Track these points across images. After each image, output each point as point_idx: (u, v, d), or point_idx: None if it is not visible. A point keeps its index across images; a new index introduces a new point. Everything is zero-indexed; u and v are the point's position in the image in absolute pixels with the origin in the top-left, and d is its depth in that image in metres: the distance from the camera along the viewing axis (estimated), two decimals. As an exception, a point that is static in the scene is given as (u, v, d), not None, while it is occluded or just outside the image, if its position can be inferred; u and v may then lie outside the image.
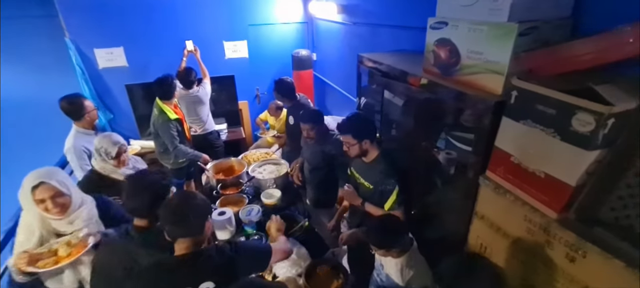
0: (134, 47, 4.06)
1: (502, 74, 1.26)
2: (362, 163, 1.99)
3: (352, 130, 1.86)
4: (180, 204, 1.36)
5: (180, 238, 1.33)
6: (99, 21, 3.83)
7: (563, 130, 1.01)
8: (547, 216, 1.10)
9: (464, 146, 1.56)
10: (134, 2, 3.90)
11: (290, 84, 3.04)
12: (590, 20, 1.27)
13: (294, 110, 3.04)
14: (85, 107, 2.55)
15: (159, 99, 3.11)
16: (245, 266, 1.44)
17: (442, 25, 1.52)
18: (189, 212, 1.33)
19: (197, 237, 1.35)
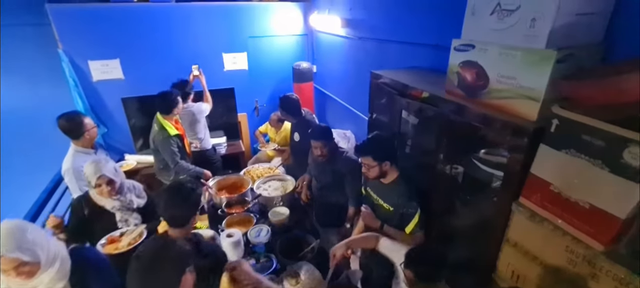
0: (130, 59, 3.95)
1: (538, 101, 1.25)
2: (380, 184, 1.95)
3: (372, 152, 1.82)
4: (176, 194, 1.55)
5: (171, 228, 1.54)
6: (94, 32, 3.71)
7: (613, 162, 0.99)
8: (593, 248, 1.07)
9: (489, 169, 1.53)
10: (131, 13, 3.80)
11: (295, 100, 3.01)
12: (622, 46, 1.28)
13: (300, 127, 2.99)
14: (85, 125, 2.43)
15: (160, 114, 3.01)
16: None
17: (469, 47, 1.51)
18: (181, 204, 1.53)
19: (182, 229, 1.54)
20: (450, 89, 1.66)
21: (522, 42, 1.28)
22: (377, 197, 1.98)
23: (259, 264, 2.15)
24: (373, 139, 1.88)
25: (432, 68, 2.28)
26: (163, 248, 1.55)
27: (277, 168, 3.38)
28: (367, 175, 1.91)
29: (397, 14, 2.64)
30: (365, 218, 2.00)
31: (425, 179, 1.93)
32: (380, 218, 1.94)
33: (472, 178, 1.65)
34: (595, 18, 1.26)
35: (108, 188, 1.96)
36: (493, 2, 1.36)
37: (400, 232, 1.85)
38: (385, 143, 1.89)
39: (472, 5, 1.48)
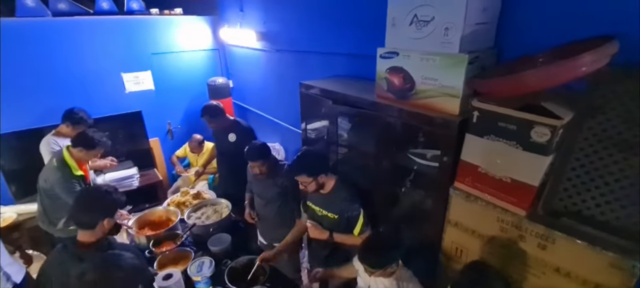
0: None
1: (458, 97, 1.46)
2: (320, 195, 1.98)
3: (305, 170, 1.85)
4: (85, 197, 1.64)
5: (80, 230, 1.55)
6: None
7: (524, 141, 1.22)
8: (518, 214, 1.30)
9: (425, 161, 1.72)
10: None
11: (218, 105, 2.99)
12: (507, 49, 1.59)
13: (234, 127, 2.96)
14: None
15: (70, 148, 2.50)
16: None
17: (393, 55, 1.67)
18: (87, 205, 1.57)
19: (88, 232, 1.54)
20: (380, 93, 1.80)
21: (439, 48, 1.47)
22: (320, 209, 2.01)
23: (207, 301, 1.97)
24: (303, 157, 1.90)
25: (354, 75, 2.44)
26: None
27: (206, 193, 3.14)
28: (305, 191, 1.93)
29: (315, 26, 2.75)
30: (312, 232, 2.00)
31: (367, 179, 2.04)
32: (328, 228, 1.97)
33: (411, 172, 1.81)
34: (488, 27, 1.53)
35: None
36: (410, 14, 1.54)
37: (350, 235, 1.92)
38: (316, 157, 1.93)
39: (392, 18, 1.64)
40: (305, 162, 1.87)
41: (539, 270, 1.28)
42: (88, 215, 1.54)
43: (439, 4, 1.41)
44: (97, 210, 1.56)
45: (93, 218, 1.54)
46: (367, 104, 1.83)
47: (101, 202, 1.59)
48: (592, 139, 1.17)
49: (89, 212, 1.55)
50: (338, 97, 1.99)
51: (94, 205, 1.57)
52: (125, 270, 1.58)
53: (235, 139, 2.88)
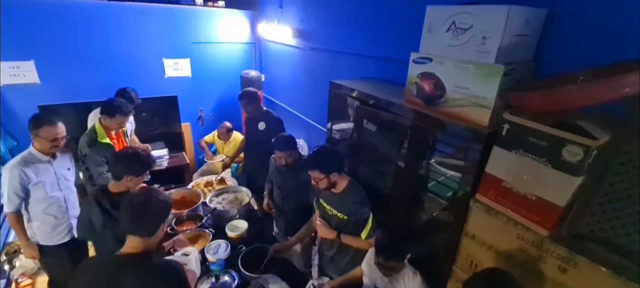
0: (49, 62, 3.47)
1: (489, 108, 1.43)
2: (331, 194, 2.00)
3: (319, 166, 1.87)
4: (142, 201, 1.41)
5: (130, 236, 1.37)
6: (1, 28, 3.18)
7: (554, 159, 1.18)
8: (540, 234, 1.26)
9: (448, 171, 1.69)
10: (51, 8, 3.35)
11: (256, 91, 3.10)
12: (547, 64, 1.54)
13: (265, 116, 3.05)
14: None
15: (100, 116, 2.70)
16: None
17: (427, 60, 1.66)
18: (147, 210, 1.39)
19: (147, 238, 1.38)
20: (409, 98, 1.80)
21: (475, 57, 1.45)
22: (331, 208, 2.02)
23: (219, 282, 2.04)
24: (318, 153, 1.92)
25: (384, 79, 2.44)
26: None
27: (229, 180, 3.25)
28: (316, 187, 1.94)
29: (350, 27, 2.78)
30: (320, 231, 2.02)
31: (387, 182, 2.04)
32: (336, 228, 1.98)
33: (432, 179, 1.80)
34: (529, 39, 1.49)
35: None
36: (449, 20, 1.53)
37: (357, 238, 1.92)
38: (331, 155, 1.94)
39: (428, 24, 1.64)
40: (319, 158, 1.89)
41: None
42: (148, 219, 1.39)
43: (479, 13, 1.40)
44: (157, 214, 1.43)
45: (155, 224, 1.41)
46: (395, 107, 1.83)
47: (161, 203, 1.45)
48: (629, 165, 1.12)
49: (149, 216, 1.40)
50: (366, 98, 2.00)
51: (154, 207, 1.42)
52: None
53: (264, 127, 2.96)
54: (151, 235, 1.39)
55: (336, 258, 2.09)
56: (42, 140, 2.14)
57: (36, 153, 2.17)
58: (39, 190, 2.17)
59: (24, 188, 2.12)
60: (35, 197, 2.18)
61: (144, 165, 1.97)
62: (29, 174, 2.11)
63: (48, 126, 2.14)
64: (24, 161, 2.13)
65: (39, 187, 2.16)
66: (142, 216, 1.38)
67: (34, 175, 2.13)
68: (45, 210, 2.23)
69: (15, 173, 2.08)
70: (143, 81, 3.83)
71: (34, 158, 2.16)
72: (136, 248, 1.36)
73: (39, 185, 2.16)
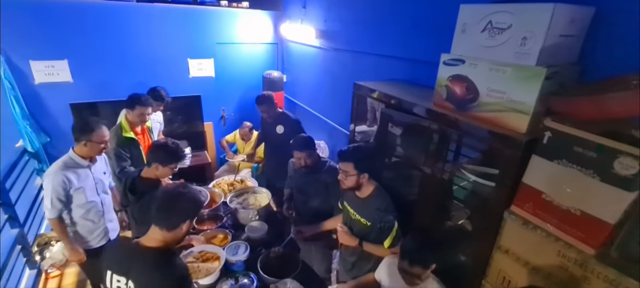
0: (81, 61, 3.59)
1: (528, 114, 1.33)
2: (356, 198, 1.93)
3: (354, 160, 1.80)
4: (172, 194, 1.42)
5: (153, 226, 1.38)
6: (39, 29, 3.34)
7: (604, 172, 1.08)
8: (584, 252, 1.15)
9: (480, 179, 1.60)
10: (84, 10, 3.48)
11: (271, 95, 3.10)
12: (594, 67, 1.42)
13: (283, 119, 3.03)
14: None
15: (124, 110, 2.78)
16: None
17: (458, 62, 1.57)
18: (174, 204, 1.40)
19: (168, 232, 1.38)
20: (438, 101, 1.71)
21: (513, 59, 1.36)
22: (355, 212, 1.96)
23: (238, 284, 2.02)
24: (357, 148, 1.87)
25: (410, 81, 2.36)
26: None
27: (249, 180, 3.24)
28: (342, 183, 1.87)
29: (375, 28, 2.71)
30: (342, 238, 1.96)
31: (413, 189, 1.96)
32: (358, 235, 1.92)
33: (463, 188, 1.70)
34: (574, 40, 1.38)
35: None
36: (485, 20, 1.44)
37: (380, 246, 1.85)
38: (368, 155, 1.88)
39: (462, 23, 1.55)
40: (357, 153, 1.82)
41: (605, 319, 1.12)
42: (175, 213, 1.39)
43: (520, 11, 1.30)
44: (184, 210, 1.42)
45: (178, 219, 1.39)
46: (423, 111, 1.75)
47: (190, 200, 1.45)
48: (692, 181, 1.00)
49: (176, 211, 1.40)
50: (391, 100, 1.93)
51: (184, 202, 1.42)
52: None
53: (283, 131, 2.93)
54: (172, 230, 1.39)
55: (358, 265, 2.03)
56: (93, 144, 2.13)
57: (77, 158, 2.16)
58: (79, 195, 2.17)
59: (67, 194, 2.11)
60: (76, 202, 2.18)
61: (170, 155, 2.06)
62: (71, 179, 2.10)
63: (99, 130, 2.14)
64: (66, 166, 2.11)
65: (80, 192, 2.16)
66: (167, 208, 1.39)
67: (75, 180, 2.12)
68: (84, 216, 2.26)
69: (59, 178, 2.05)
70: (169, 80, 3.89)
71: (74, 163, 2.15)
72: (156, 241, 1.37)
73: (79, 190, 2.16)
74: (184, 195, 1.43)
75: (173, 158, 2.07)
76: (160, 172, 2.07)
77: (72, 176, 2.11)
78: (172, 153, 2.07)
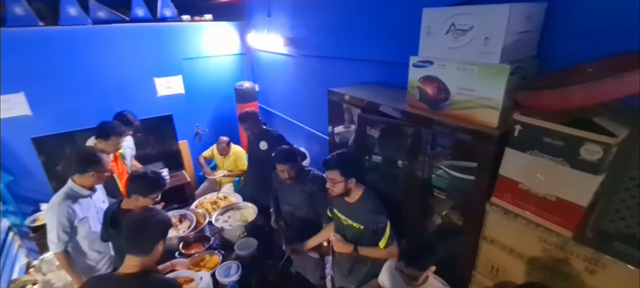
0: (39, 92, 3.37)
1: (497, 109, 1.40)
2: (345, 203, 1.95)
3: (340, 167, 1.82)
4: (139, 220, 1.46)
5: (128, 254, 1.41)
6: (-11, 63, 3.11)
7: (572, 158, 1.15)
8: (563, 235, 1.22)
9: (459, 174, 1.66)
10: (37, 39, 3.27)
11: (255, 112, 3.08)
12: (551, 57, 1.51)
13: (265, 135, 2.98)
14: None
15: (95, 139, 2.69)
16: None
17: (427, 64, 1.62)
18: (143, 229, 1.44)
19: (144, 257, 1.42)
20: (412, 102, 1.76)
21: (478, 58, 1.42)
22: (346, 218, 1.97)
23: (233, 305, 1.99)
24: (340, 155, 1.88)
25: (383, 83, 2.40)
26: None
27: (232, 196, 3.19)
28: (331, 191, 1.89)
29: (342, 33, 2.73)
30: (336, 246, 1.97)
31: (395, 190, 2.00)
32: (352, 240, 1.94)
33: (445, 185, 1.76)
34: (531, 35, 1.46)
35: None
36: (447, 22, 1.49)
37: (375, 248, 1.88)
38: (353, 160, 1.90)
39: (426, 26, 1.60)
40: (341, 160, 1.84)
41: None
42: (145, 238, 1.43)
43: (479, 13, 1.36)
44: (154, 232, 1.46)
45: (150, 242, 1.43)
46: (398, 113, 1.79)
47: (158, 222, 1.49)
48: (650, 158, 1.09)
49: (146, 235, 1.43)
50: (367, 105, 1.96)
51: (152, 225, 1.46)
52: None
53: (266, 147, 2.91)
54: (148, 254, 1.43)
55: (355, 269, 2.05)
56: (101, 174, 2.16)
57: (78, 188, 2.13)
58: (84, 225, 2.14)
59: (72, 225, 2.08)
60: (82, 233, 2.15)
61: (151, 186, 2.00)
62: (75, 210, 2.08)
63: (104, 159, 2.17)
64: (68, 197, 2.08)
65: (84, 222, 2.14)
66: (138, 234, 1.43)
67: (79, 211, 2.10)
68: (90, 246, 2.21)
69: (64, 209, 2.03)
70: (136, 102, 3.73)
71: (76, 194, 2.12)
72: (134, 267, 1.40)
73: (84, 221, 2.13)
74: (149, 218, 1.48)
75: (154, 188, 2.02)
76: (142, 202, 2.00)
77: (76, 206, 2.09)
78: (153, 183, 2.01)
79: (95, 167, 2.13)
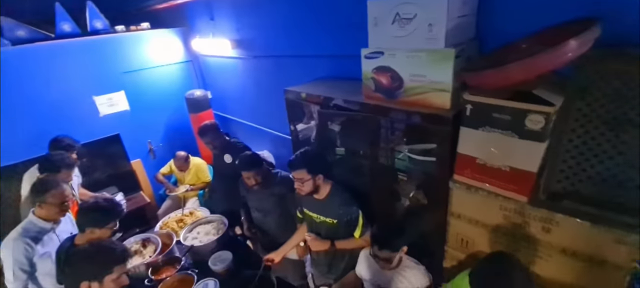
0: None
1: (448, 91, 1.47)
2: (315, 201, 1.96)
3: (306, 165, 1.82)
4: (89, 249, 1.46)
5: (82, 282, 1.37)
6: None
7: (519, 130, 1.24)
8: (520, 201, 1.33)
9: (421, 157, 1.72)
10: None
11: (214, 124, 2.91)
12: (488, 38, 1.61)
13: (229, 148, 2.86)
14: None
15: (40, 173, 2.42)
16: None
17: (378, 54, 1.66)
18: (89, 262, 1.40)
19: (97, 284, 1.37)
20: (368, 94, 1.79)
21: (425, 44, 1.47)
22: (318, 215, 1.99)
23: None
24: (305, 153, 1.88)
25: (337, 77, 2.42)
26: None
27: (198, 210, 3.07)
28: (300, 190, 1.89)
29: (291, 30, 2.70)
30: (313, 245, 1.98)
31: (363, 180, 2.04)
32: (327, 235, 1.96)
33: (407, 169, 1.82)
34: (469, 18, 1.54)
35: None
36: (392, 12, 1.53)
37: (351, 239, 1.91)
38: (318, 157, 1.91)
39: (373, 17, 1.62)
40: (306, 158, 1.83)
41: (546, 252, 1.32)
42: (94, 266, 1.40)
43: (421, 1, 1.40)
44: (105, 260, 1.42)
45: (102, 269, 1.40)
46: (357, 105, 1.81)
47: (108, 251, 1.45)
48: (583, 120, 1.20)
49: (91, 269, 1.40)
50: (326, 101, 1.96)
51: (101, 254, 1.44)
52: None
53: (231, 160, 2.80)
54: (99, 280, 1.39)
55: (334, 265, 2.08)
56: (50, 206, 1.96)
57: (38, 221, 1.98)
58: (45, 261, 1.96)
59: (30, 262, 1.91)
60: (42, 271, 1.96)
61: (106, 215, 1.87)
62: (33, 246, 1.92)
63: (55, 189, 1.97)
64: (26, 232, 1.93)
65: (45, 258, 1.96)
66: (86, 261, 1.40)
67: (39, 246, 1.94)
68: (55, 284, 2.01)
69: (20, 246, 1.88)
70: (76, 125, 3.42)
71: (36, 228, 1.97)
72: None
73: (45, 257, 1.96)
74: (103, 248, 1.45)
75: (109, 217, 1.87)
76: (98, 235, 1.85)
77: (34, 242, 1.92)
78: (107, 212, 1.87)
79: (40, 198, 1.95)
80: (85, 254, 1.44)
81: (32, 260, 1.91)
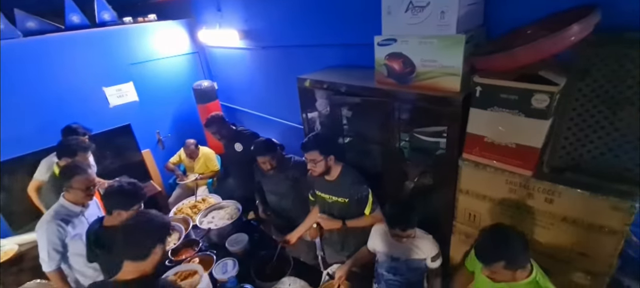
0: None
1: (459, 75, 1.57)
2: (327, 182, 2.07)
3: (318, 146, 1.93)
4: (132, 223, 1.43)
5: (125, 261, 1.36)
6: None
7: (526, 108, 1.35)
8: (525, 175, 1.44)
9: (432, 138, 1.84)
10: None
11: (220, 116, 3.00)
12: (495, 25, 1.71)
13: (239, 137, 2.95)
14: None
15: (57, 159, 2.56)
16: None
17: (391, 41, 1.75)
18: (136, 232, 1.38)
19: (140, 263, 1.35)
20: (381, 79, 1.89)
21: (436, 31, 1.57)
22: (330, 196, 2.09)
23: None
24: (316, 135, 2.00)
25: (347, 65, 2.51)
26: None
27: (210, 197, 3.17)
28: (313, 171, 1.99)
29: (300, 19, 2.77)
30: (325, 225, 2.10)
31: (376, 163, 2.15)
32: (339, 215, 2.07)
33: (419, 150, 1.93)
34: (478, 6, 1.64)
35: None
36: (405, 1, 1.62)
37: (361, 217, 2.03)
38: (329, 139, 2.02)
39: (387, 6, 1.72)
40: (318, 140, 1.95)
41: (548, 221, 1.44)
42: (140, 242, 1.36)
43: (434, -10, 1.50)
44: (149, 235, 1.38)
45: (146, 247, 1.36)
46: (369, 91, 1.91)
47: (153, 224, 1.41)
48: (583, 99, 1.31)
49: (140, 239, 1.37)
50: (339, 88, 2.06)
51: (145, 228, 1.39)
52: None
53: (241, 148, 2.90)
54: (144, 259, 1.36)
55: (346, 243, 2.19)
56: (75, 190, 2.05)
57: (68, 205, 2.08)
58: (76, 243, 2.07)
59: (62, 243, 2.02)
60: (74, 251, 2.08)
61: (131, 197, 1.93)
62: (65, 227, 2.03)
63: (79, 175, 2.06)
64: (58, 214, 2.03)
65: (77, 239, 2.08)
66: (131, 238, 1.38)
67: (70, 228, 2.05)
68: (86, 263, 2.12)
69: (53, 228, 1.98)
70: (87, 116, 3.46)
71: (66, 210, 2.07)
72: (133, 273, 1.35)
73: (76, 238, 2.07)
74: (143, 219, 1.44)
75: (135, 199, 1.95)
76: (125, 216, 1.93)
77: (66, 224, 2.04)
78: (132, 195, 1.95)
79: (67, 183, 2.04)
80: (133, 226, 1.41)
81: (64, 241, 2.02)
